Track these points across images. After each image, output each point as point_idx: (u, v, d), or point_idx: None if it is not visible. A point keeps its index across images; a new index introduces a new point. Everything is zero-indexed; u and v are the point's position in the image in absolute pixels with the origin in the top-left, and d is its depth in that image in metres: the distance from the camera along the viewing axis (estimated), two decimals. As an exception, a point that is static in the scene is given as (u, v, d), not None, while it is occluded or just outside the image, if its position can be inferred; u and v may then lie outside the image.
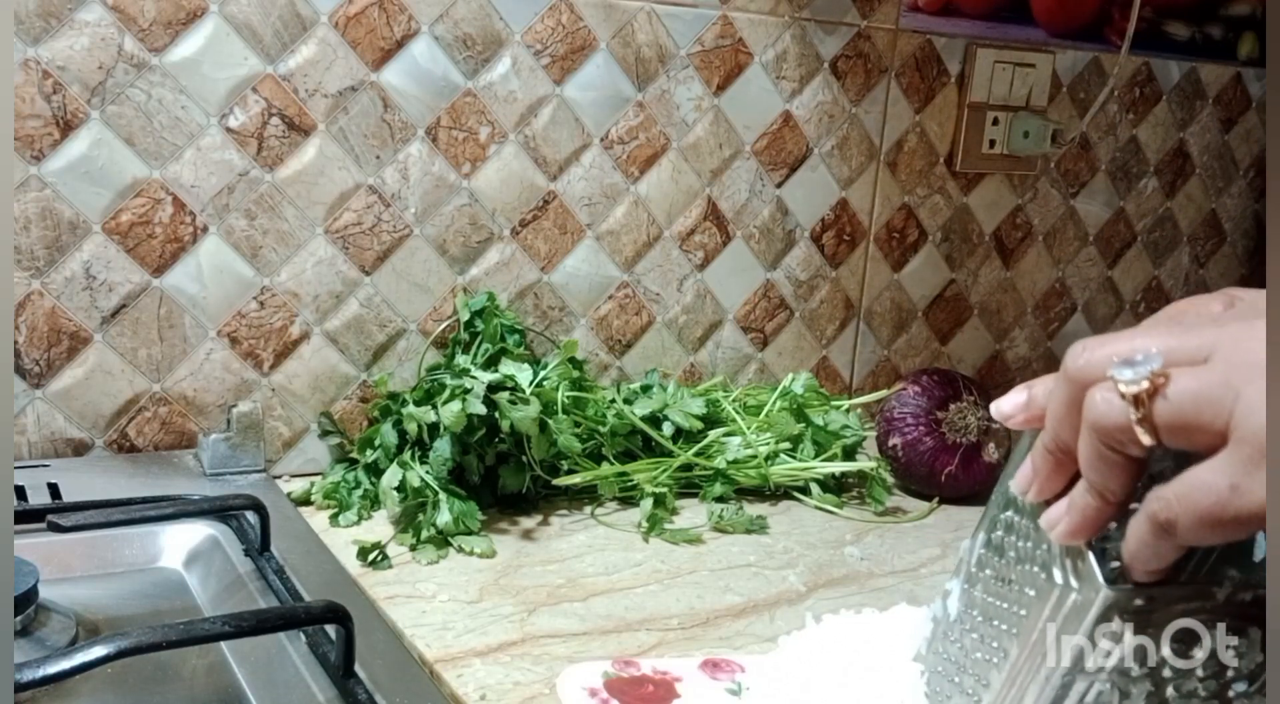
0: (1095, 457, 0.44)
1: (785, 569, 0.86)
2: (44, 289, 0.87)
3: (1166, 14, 1.34)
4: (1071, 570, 0.47)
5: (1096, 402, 0.43)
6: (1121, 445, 0.42)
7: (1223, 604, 0.46)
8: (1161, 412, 0.41)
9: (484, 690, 0.65)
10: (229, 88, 0.90)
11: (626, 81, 1.05)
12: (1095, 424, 0.43)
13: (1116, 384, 0.42)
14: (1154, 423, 0.41)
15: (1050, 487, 0.47)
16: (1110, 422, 0.42)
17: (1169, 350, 0.42)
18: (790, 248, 1.17)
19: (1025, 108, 1.25)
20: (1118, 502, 0.44)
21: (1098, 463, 0.44)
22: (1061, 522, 0.46)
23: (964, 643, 0.55)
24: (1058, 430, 0.46)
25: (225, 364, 0.94)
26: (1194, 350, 0.41)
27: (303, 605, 0.68)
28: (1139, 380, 0.41)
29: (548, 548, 0.87)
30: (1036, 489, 0.48)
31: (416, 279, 1.00)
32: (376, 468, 0.90)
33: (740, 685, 0.67)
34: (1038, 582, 0.49)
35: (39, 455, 0.89)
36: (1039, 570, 0.49)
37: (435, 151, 0.98)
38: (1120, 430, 0.42)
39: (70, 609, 0.69)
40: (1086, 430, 0.43)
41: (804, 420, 1.02)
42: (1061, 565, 0.48)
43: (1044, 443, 0.47)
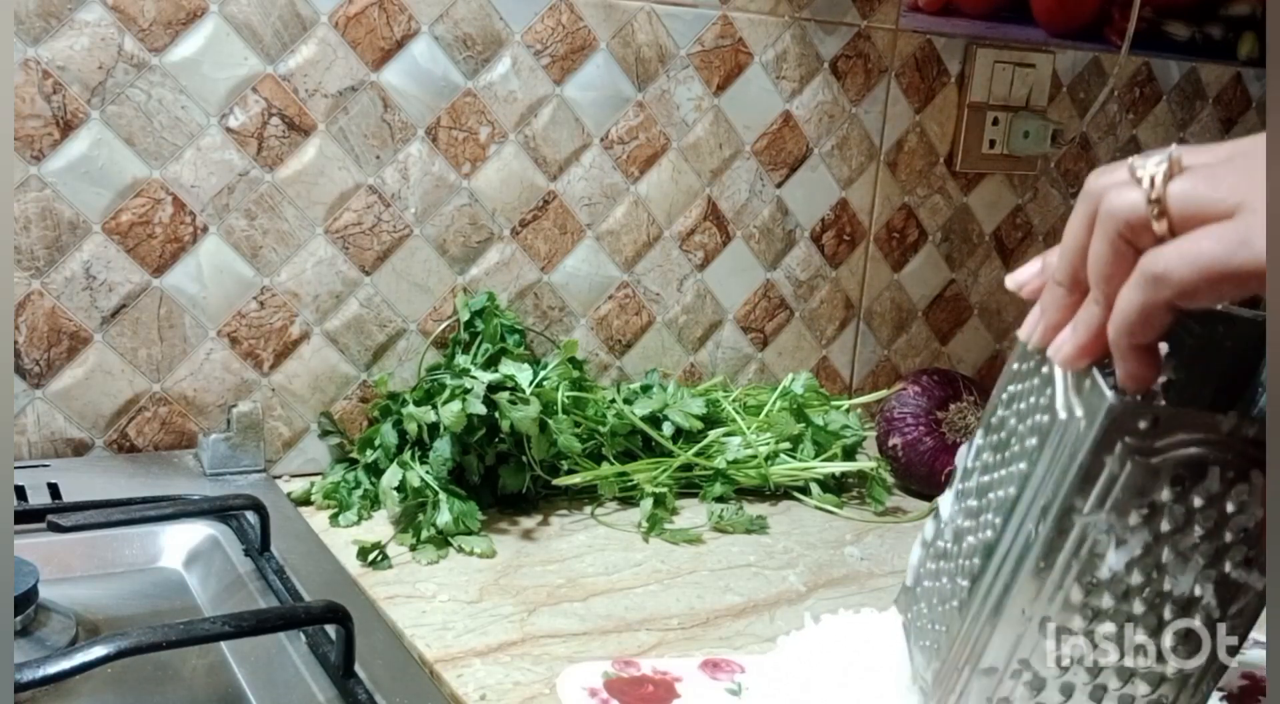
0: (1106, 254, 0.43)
1: (785, 569, 0.86)
2: (44, 289, 0.87)
3: (1166, 14, 1.34)
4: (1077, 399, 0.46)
5: (1113, 195, 0.43)
6: (1134, 236, 0.42)
7: (1226, 437, 0.45)
8: (1176, 194, 0.41)
9: (484, 690, 0.65)
10: (229, 88, 0.90)
11: (626, 81, 1.05)
12: (1110, 213, 0.43)
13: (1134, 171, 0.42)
14: (1168, 208, 0.41)
15: (1062, 319, 0.46)
16: (1126, 208, 0.42)
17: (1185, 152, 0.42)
18: (790, 248, 1.17)
19: (1025, 108, 1.25)
20: None
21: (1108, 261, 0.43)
22: (1066, 342, 0.46)
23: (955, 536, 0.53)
24: (1072, 255, 0.45)
25: (225, 364, 0.94)
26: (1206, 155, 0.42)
27: (303, 605, 0.68)
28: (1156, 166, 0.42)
29: (548, 548, 0.87)
30: (1045, 325, 0.47)
31: (416, 279, 1.00)
32: (376, 468, 0.90)
33: (740, 685, 0.67)
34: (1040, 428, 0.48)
35: (39, 455, 0.89)
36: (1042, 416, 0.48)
37: (435, 151, 0.98)
38: (1135, 218, 0.42)
39: (70, 609, 0.69)
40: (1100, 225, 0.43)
41: (804, 420, 1.02)
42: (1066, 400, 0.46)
43: (1056, 276, 0.47)
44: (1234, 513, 0.46)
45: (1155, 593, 0.47)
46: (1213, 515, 0.46)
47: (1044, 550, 0.47)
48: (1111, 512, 0.46)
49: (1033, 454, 0.48)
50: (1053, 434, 0.47)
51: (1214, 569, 0.47)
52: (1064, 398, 0.46)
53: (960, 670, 0.50)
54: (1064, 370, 0.47)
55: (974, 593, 0.50)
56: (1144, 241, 0.42)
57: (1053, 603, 0.47)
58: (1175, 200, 0.41)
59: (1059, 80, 1.28)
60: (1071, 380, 0.46)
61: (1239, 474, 0.45)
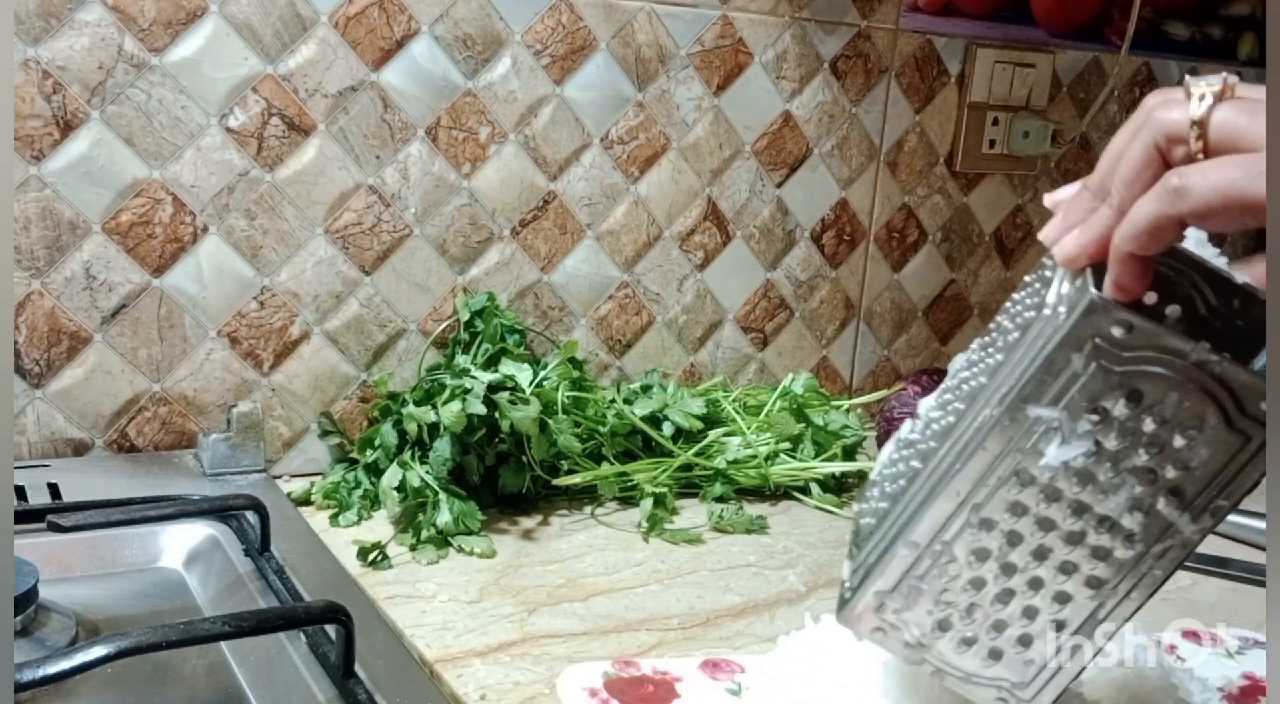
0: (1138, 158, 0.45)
1: (785, 569, 0.86)
2: (44, 289, 0.87)
3: (1166, 14, 1.34)
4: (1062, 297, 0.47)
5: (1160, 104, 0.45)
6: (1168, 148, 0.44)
7: (1192, 366, 0.45)
8: (1218, 117, 0.43)
9: (484, 690, 0.65)
10: (229, 88, 0.90)
11: (626, 81, 1.05)
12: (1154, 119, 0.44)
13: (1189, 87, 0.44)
14: (1207, 129, 0.43)
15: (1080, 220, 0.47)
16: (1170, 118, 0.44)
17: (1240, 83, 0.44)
18: (790, 248, 1.17)
19: (1025, 108, 1.25)
20: None
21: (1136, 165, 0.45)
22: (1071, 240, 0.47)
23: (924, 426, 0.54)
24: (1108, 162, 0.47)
25: (225, 364, 0.94)
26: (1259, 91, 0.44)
27: (303, 605, 0.68)
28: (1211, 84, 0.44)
29: (548, 548, 0.87)
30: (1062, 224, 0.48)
31: (416, 279, 1.00)
32: (376, 468, 0.90)
33: (740, 685, 0.67)
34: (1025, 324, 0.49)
35: (39, 455, 0.89)
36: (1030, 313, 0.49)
37: (435, 151, 0.98)
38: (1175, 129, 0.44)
39: (70, 609, 0.69)
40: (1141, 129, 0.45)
41: (804, 420, 1.02)
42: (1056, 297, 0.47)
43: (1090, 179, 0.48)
44: (1180, 447, 0.46)
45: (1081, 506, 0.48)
46: (1159, 442, 0.46)
47: (992, 433, 0.48)
48: (1064, 410, 0.46)
49: (1011, 346, 0.49)
50: (1034, 326, 0.47)
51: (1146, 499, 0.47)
52: (1055, 295, 0.47)
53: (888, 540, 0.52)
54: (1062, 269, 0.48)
55: (920, 473, 0.51)
56: (1176, 156, 0.44)
57: (987, 488, 0.48)
58: (1216, 123, 0.43)
59: (1059, 80, 1.28)
60: (1066, 279, 0.47)
61: (1194, 407, 0.46)
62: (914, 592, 0.51)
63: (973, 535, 0.49)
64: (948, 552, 0.50)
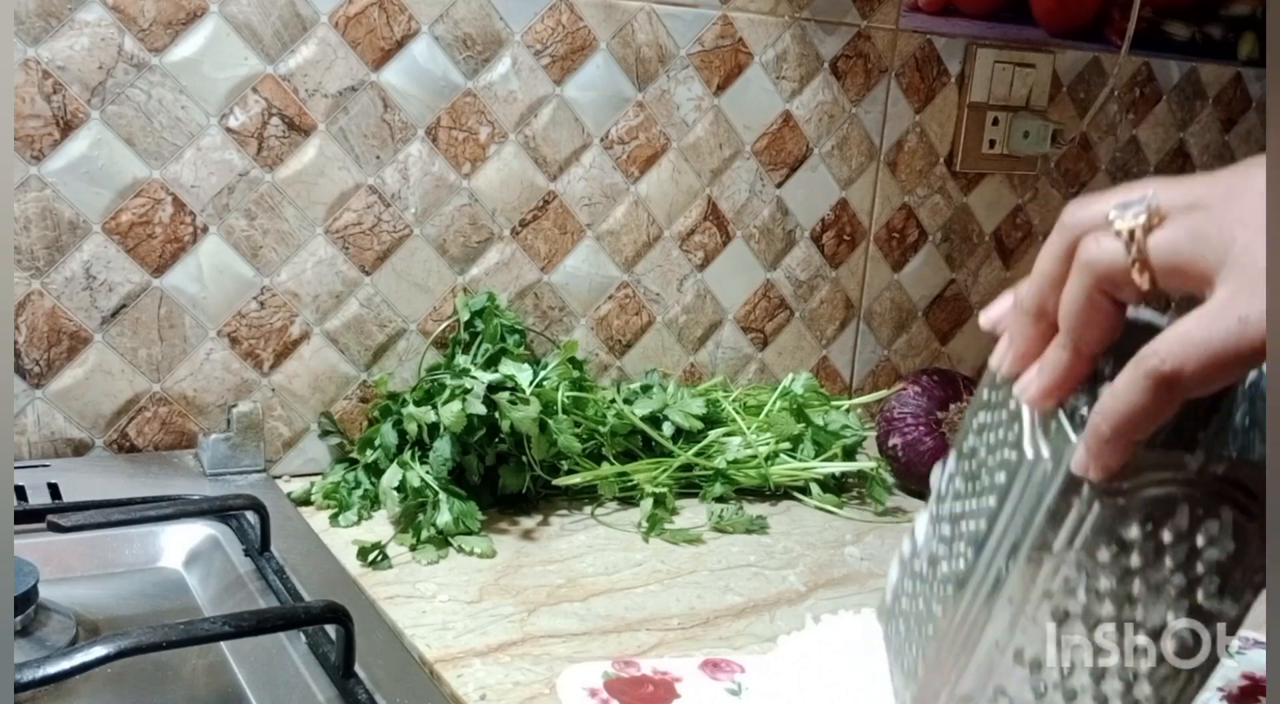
0: (1081, 301, 0.43)
1: (785, 569, 0.86)
2: (44, 289, 0.87)
3: (1166, 14, 1.34)
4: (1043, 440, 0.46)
5: (1091, 244, 0.42)
6: (1113, 288, 0.42)
7: (1195, 476, 0.44)
8: (1158, 247, 0.41)
9: (484, 690, 0.65)
10: (229, 88, 0.90)
11: (626, 81, 1.05)
12: (1088, 263, 0.42)
13: (1113, 224, 0.42)
14: (1149, 262, 0.41)
15: (1030, 351, 0.46)
16: (1105, 260, 0.42)
17: (1164, 193, 0.42)
18: (790, 248, 1.17)
19: (1025, 108, 1.25)
20: (1091, 355, 0.44)
21: (1081, 309, 0.43)
22: (1032, 383, 0.45)
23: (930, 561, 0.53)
24: (1042, 285, 0.45)
25: (225, 364, 0.94)
26: (1186, 195, 0.41)
27: (303, 605, 0.68)
28: (1136, 216, 0.41)
29: (548, 548, 0.87)
30: (1013, 356, 0.47)
31: (416, 279, 1.00)
32: (376, 468, 0.90)
33: (740, 685, 0.67)
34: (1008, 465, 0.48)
35: (39, 455, 0.89)
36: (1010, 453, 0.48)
37: (435, 151, 0.98)
38: (1115, 270, 0.42)
39: (70, 609, 0.69)
40: (1076, 273, 0.43)
41: (804, 420, 1.02)
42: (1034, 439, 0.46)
43: (1025, 305, 0.46)
44: (1204, 546, 0.46)
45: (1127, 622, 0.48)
46: (1183, 550, 0.46)
47: (1014, 586, 0.47)
48: (1081, 550, 0.46)
49: (1001, 491, 0.48)
50: (1020, 472, 0.47)
51: (1186, 600, 0.47)
52: (1030, 436, 0.46)
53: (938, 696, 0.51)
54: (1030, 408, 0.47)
55: (948, 622, 0.51)
56: (1125, 294, 0.42)
57: (1026, 635, 0.48)
58: (1157, 254, 0.41)
59: (1059, 80, 1.28)
60: (1038, 418, 0.46)
61: (1208, 510, 0.45)
62: None
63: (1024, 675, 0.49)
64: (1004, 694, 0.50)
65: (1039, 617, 0.48)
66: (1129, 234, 0.41)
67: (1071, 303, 0.43)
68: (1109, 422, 0.42)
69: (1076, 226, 0.44)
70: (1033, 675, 0.49)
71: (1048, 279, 0.45)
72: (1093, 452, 0.43)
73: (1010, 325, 0.47)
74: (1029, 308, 0.46)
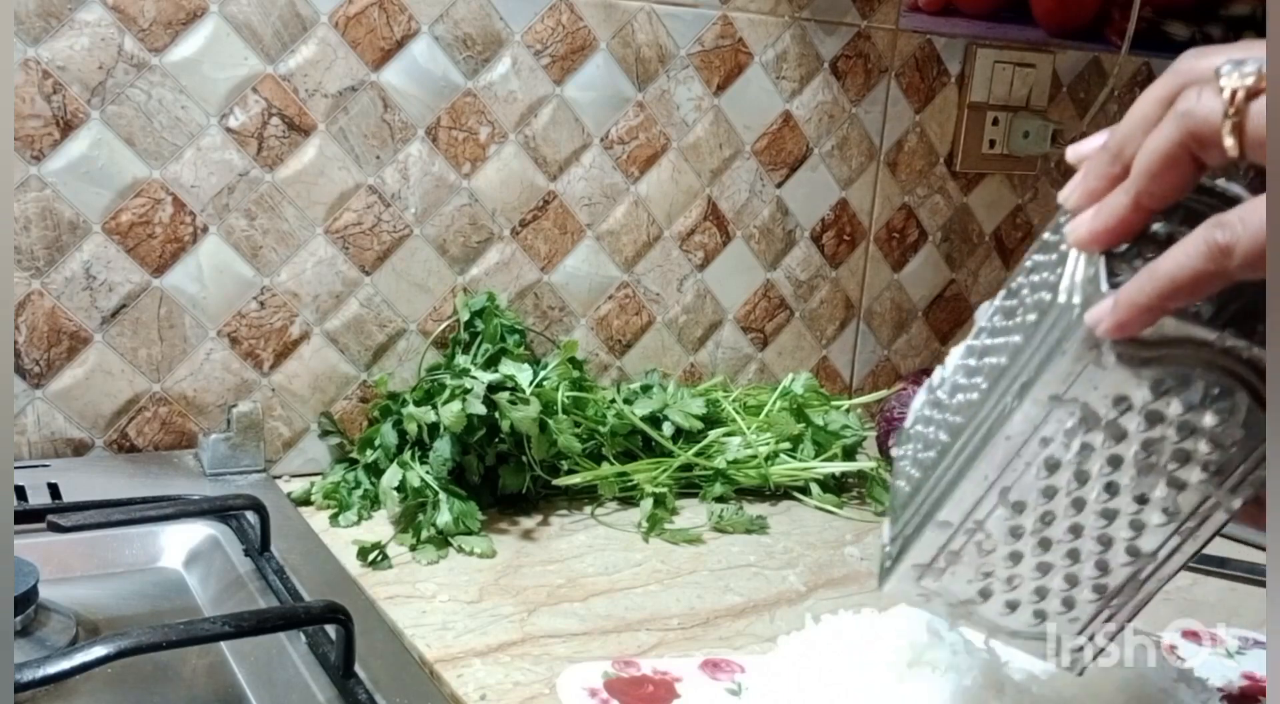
0: (1163, 146, 0.41)
1: (785, 569, 0.86)
2: (44, 289, 0.87)
3: (1166, 14, 1.34)
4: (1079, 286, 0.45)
5: (1191, 95, 0.41)
6: (1200, 146, 0.40)
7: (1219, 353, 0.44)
8: (1257, 114, 0.39)
9: (484, 690, 0.65)
10: (229, 88, 0.90)
11: (626, 81, 1.05)
12: (1183, 114, 0.41)
13: (1220, 78, 0.40)
14: (1244, 127, 0.39)
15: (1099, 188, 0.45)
16: (1200, 115, 0.40)
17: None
18: (790, 248, 1.17)
19: (1025, 108, 1.25)
20: (1150, 208, 0.43)
21: (1160, 154, 0.42)
22: (1085, 223, 0.44)
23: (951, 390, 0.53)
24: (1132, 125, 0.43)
25: (225, 364, 0.94)
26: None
27: (303, 605, 0.68)
28: (1246, 76, 0.40)
29: (548, 548, 0.87)
30: (1080, 190, 0.45)
31: (416, 279, 1.00)
32: (376, 468, 0.90)
33: (740, 685, 0.67)
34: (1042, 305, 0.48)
35: (39, 455, 0.89)
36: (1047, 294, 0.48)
37: (435, 151, 0.98)
38: (1207, 127, 0.40)
39: (70, 609, 0.69)
40: (1168, 121, 0.41)
41: (804, 420, 1.02)
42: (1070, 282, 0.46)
43: (1109, 141, 0.45)
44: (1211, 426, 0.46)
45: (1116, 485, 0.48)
46: (1189, 425, 0.46)
47: (1016, 425, 0.47)
48: (1086, 404, 0.46)
49: (1029, 329, 0.48)
50: (1049, 313, 0.46)
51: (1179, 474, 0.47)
52: (1069, 280, 0.46)
53: (921, 517, 0.51)
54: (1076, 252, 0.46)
55: (948, 449, 0.51)
56: (1210, 155, 0.41)
57: (1014, 473, 0.48)
58: (1254, 121, 0.39)
59: (1059, 80, 1.28)
60: (1082, 263, 0.46)
61: (1223, 391, 0.45)
62: (952, 563, 0.51)
63: (1005, 514, 0.49)
64: (981, 529, 0.50)
65: (1033, 459, 0.48)
66: (1232, 94, 0.40)
67: (1151, 150, 0.42)
68: (1154, 281, 0.41)
69: (1187, 74, 0.42)
70: (1012, 516, 0.49)
71: (1139, 121, 0.43)
72: (1122, 307, 0.42)
73: (1088, 160, 0.46)
74: (1112, 145, 0.44)
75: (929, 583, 0.52)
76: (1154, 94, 0.43)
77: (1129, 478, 0.47)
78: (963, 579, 0.52)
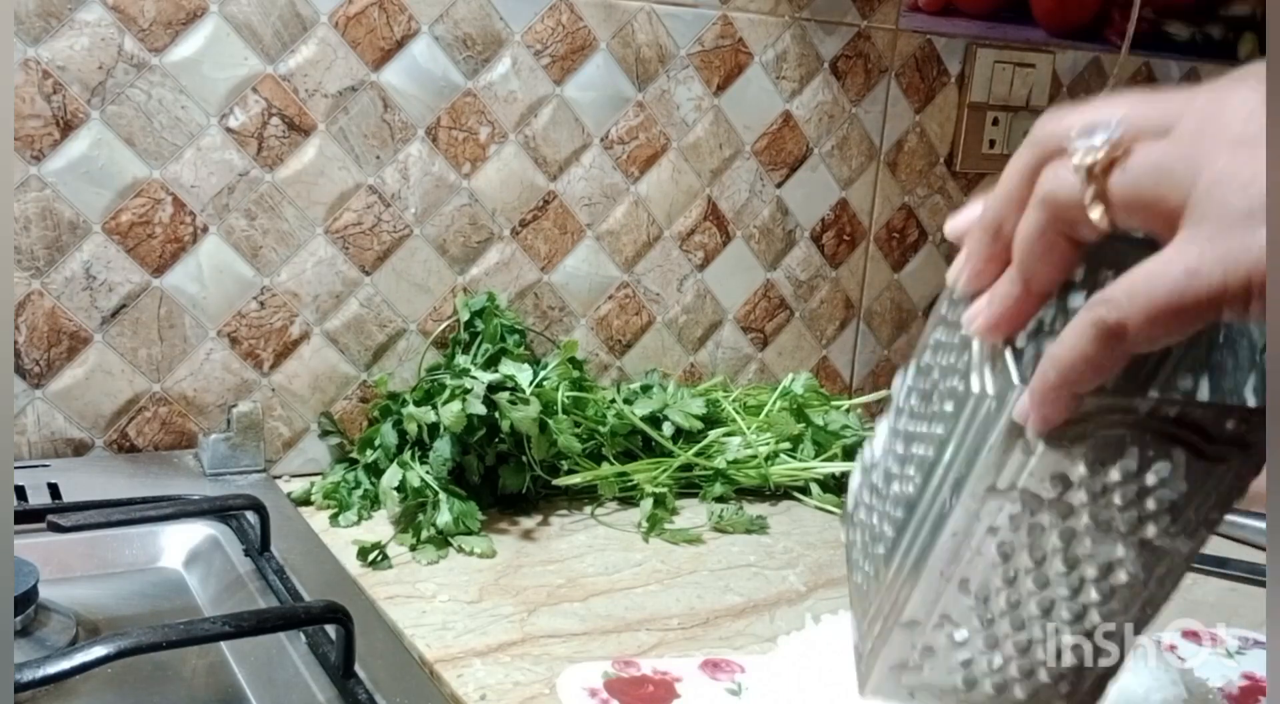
0: (1035, 234, 0.40)
1: (785, 569, 0.86)
2: (44, 289, 0.87)
3: (1166, 14, 1.34)
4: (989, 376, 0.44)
5: (1049, 175, 0.39)
6: (1069, 224, 0.39)
7: (1145, 418, 0.43)
8: (1117, 186, 0.37)
9: (484, 690, 0.65)
10: (229, 88, 0.90)
11: (626, 81, 1.05)
12: (1046, 197, 0.39)
13: (1072, 154, 0.38)
14: (1108, 198, 0.38)
15: (985, 270, 0.43)
16: (1062, 194, 0.38)
17: (1133, 119, 0.38)
18: (790, 248, 1.17)
19: (1025, 108, 1.25)
20: (1041, 293, 0.41)
21: (1035, 243, 0.40)
22: (980, 314, 0.43)
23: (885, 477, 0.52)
24: (1003, 203, 0.41)
25: (225, 364, 0.94)
26: (1157, 120, 0.38)
27: (303, 605, 0.68)
28: (1096, 151, 0.38)
29: (548, 548, 0.87)
30: (968, 274, 0.43)
31: (416, 279, 1.00)
32: (376, 468, 0.90)
33: (740, 686, 0.67)
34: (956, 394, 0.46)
35: (39, 455, 0.89)
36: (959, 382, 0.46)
37: (435, 151, 0.98)
38: (1071, 205, 0.38)
39: (70, 609, 0.69)
40: (1033, 206, 0.40)
41: (804, 420, 1.02)
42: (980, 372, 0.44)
43: (983, 221, 0.43)
44: (1155, 486, 0.45)
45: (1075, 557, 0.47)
46: (1133, 489, 0.45)
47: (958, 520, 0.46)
48: (1025, 490, 0.45)
49: (949, 421, 0.47)
50: (967, 405, 0.45)
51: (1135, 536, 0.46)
52: (978, 369, 0.45)
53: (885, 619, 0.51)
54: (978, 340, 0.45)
55: (896, 546, 0.50)
56: (1083, 232, 0.39)
57: (971, 565, 0.47)
58: (1117, 192, 0.38)
59: (1059, 80, 1.28)
60: (986, 350, 0.45)
61: (1159, 452, 0.44)
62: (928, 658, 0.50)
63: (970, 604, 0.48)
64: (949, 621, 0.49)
65: (984, 550, 0.47)
66: (1088, 170, 0.38)
67: (1025, 237, 0.40)
68: (1056, 370, 0.39)
69: (1045, 144, 0.40)
70: (979, 605, 0.48)
71: (1008, 198, 0.41)
72: (1036, 401, 0.40)
73: (967, 239, 0.44)
74: (987, 223, 0.42)
75: (909, 680, 0.51)
76: (1017, 166, 0.41)
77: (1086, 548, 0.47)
78: (942, 671, 0.50)
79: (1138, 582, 0.47)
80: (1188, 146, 0.37)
